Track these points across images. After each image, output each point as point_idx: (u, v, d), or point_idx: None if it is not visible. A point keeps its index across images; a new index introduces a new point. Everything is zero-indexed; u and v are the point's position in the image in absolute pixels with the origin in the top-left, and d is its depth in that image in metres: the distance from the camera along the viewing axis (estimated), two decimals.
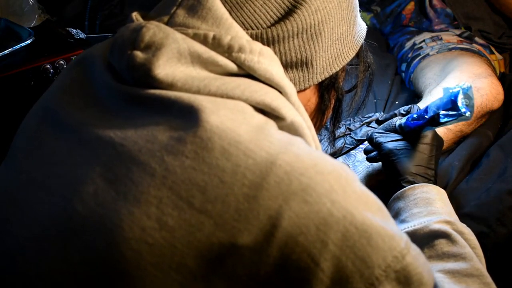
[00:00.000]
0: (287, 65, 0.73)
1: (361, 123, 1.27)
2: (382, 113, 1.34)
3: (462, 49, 1.53)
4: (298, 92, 0.76)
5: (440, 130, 1.14)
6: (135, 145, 0.61)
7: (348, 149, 1.24)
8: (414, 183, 0.97)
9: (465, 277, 0.82)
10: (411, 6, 1.69)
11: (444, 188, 1.08)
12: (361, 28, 0.82)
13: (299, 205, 0.58)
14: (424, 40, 1.60)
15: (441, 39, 1.59)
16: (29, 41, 1.41)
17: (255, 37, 0.70)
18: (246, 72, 0.66)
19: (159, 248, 0.58)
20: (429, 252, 0.87)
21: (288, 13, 0.71)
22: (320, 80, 0.76)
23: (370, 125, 1.27)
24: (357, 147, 1.25)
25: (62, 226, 0.61)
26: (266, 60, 0.67)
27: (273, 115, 0.65)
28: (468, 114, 0.91)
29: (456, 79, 1.36)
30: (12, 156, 0.72)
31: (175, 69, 0.64)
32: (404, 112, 1.08)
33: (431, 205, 0.93)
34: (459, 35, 1.60)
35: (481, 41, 1.59)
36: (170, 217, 0.58)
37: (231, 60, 0.66)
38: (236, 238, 0.57)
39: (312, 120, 0.80)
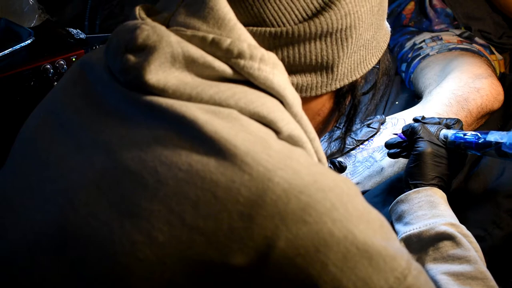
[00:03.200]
0: (306, 69, 0.68)
1: (362, 124, 1.27)
2: (383, 116, 1.34)
3: (462, 49, 1.53)
4: (314, 97, 0.71)
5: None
6: (128, 152, 0.59)
7: (348, 149, 1.24)
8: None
9: (469, 280, 0.82)
10: (411, 6, 1.69)
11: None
12: (386, 32, 0.77)
13: (297, 225, 0.55)
14: (424, 40, 1.60)
15: (441, 39, 1.59)
16: (29, 41, 1.41)
17: (274, 35, 0.65)
18: (245, 78, 0.63)
19: (149, 265, 0.55)
20: (434, 254, 0.87)
21: (316, 13, 0.65)
22: (339, 87, 0.71)
23: (371, 126, 1.27)
24: (357, 147, 1.25)
25: (55, 235, 0.60)
26: (267, 67, 0.62)
27: (270, 127, 0.62)
28: None
29: (456, 79, 1.36)
30: (12, 158, 0.71)
31: (168, 75, 0.61)
32: (449, 123, 1.06)
33: (435, 208, 0.93)
34: (459, 35, 1.60)
35: (481, 41, 1.59)
36: (161, 232, 0.55)
37: (230, 65, 0.62)
38: (229, 258, 0.54)
39: (321, 125, 0.76)
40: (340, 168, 1.17)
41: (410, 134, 1.05)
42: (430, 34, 1.62)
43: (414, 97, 1.52)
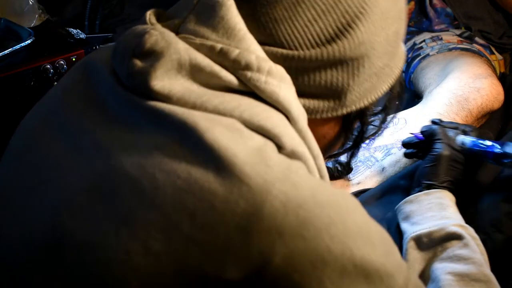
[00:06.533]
0: (314, 93, 0.66)
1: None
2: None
3: (462, 49, 1.53)
4: (321, 119, 0.69)
5: None
6: (128, 158, 0.58)
7: None
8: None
9: (472, 282, 0.82)
10: (411, 6, 1.69)
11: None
12: (401, 57, 0.73)
13: (294, 240, 0.54)
14: (424, 40, 1.60)
15: (441, 39, 1.59)
16: (29, 41, 1.41)
17: (285, 57, 0.63)
18: (252, 90, 0.61)
19: (143, 274, 0.54)
20: (441, 253, 0.87)
21: (330, 40, 0.63)
22: (346, 113, 0.69)
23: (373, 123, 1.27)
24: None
25: (50, 238, 0.59)
26: (274, 80, 0.61)
27: (273, 141, 0.60)
28: None
29: (456, 79, 1.36)
30: (9, 156, 0.70)
31: (173, 82, 0.60)
32: (466, 130, 1.05)
33: (445, 210, 0.93)
34: (459, 35, 1.60)
35: (481, 41, 1.59)
36: (156, 241, 0.54)
37: (236, 77, 0.61)
38: (224, 271, 0.53)
39: (326, 147, 0.74)
40: (347, 170, 1.17)
41: (429, 135, 1.04)
42: (430, 34, 1.62)
43: (414, 97, 1.52)
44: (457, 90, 1.33)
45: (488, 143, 1.00)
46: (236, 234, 0.54)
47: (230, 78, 0.61)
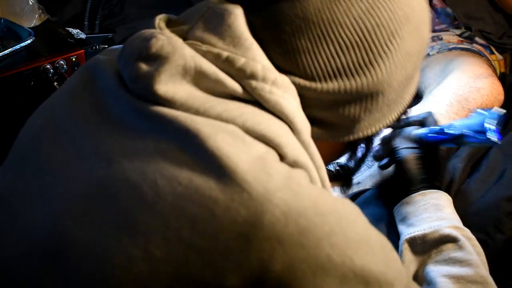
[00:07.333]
0: (325, 123, 0.66)
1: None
2: None
3: (462, 49, 1.53)
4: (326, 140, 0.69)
5: None
6: (130, 163, 0.58)
7: None
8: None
9: (469, 284, 0.82)
10: None
11: (447, 190, 1.08)
12: (415, 84, 0.73)
13: (294, 249, 0.54)
14: None
15: (441, 39, 1.59)
16: (29, 41, 1.41)
17: (303, 87, 0.63)
18: (256, 99, 0.61)
19: (144, 280, 0.54)
20: (436, 256, 0.87)
21: (349, 76, 0.63)
22: (353, 139, 0.69)
23: None
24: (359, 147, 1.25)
25: (51, 243, 0.59)
26: (279, 91, 0.61)
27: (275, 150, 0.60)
28: (497, 140, 0.90)
29: (457, 79, 1.36)
30: (12, 159, 0.70)
31: (177, 86, 0.60)
32: (419, 120, 1.05)
33: (440, 211, 0.92)
34: (460, 35, 1.60)
35: (481, 41, 1.59)
36: (157, 248, 0.54)
37: (241, 85, 0.61)
38: (224, 279, 0.53)
39: (329, 160, 0.75)
40: (348, 172, 1.17)
41: (386, 146, 1.04)
42: (430, 34, 1.61)
43: (414, 97, 1.52)
44: (457, 90, 1.33)
45: (439, 128, 0.99)
46: (236, 241, 0.54)
47: (234, 86, 0.61)
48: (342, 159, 0.87)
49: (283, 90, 0.61)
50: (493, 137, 0.90)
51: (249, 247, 0.53)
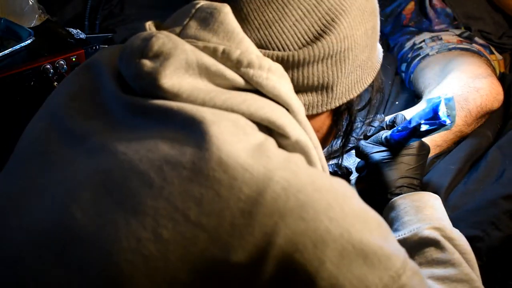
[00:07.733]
0: (308, 89, 0.73)
1: (362, 123, 1.27)
2: (383, 114, 1.34)
3: (462, 49, 1.53)
4: (314, 115, 0.76)
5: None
6: (136, 154, 0.61)
7: (348, 148, 1.24)
8: (401, 194, 0.98)
9: (454, 283, 0.83)
10: (411, 6, 1.69)
11: (437, 192, 1.08)
12: (379, 52, 0.82)
13: (295, 222, 0.57)
14: (424, 40, 1.60)
15: (441, 39, 1.59)
16: (29, 41, 1.41)
17: (280, 59, 0.70)
18: (254, 88, 0.66)
19: (154, 261, 0.57)
20: (419, 259, 0.88)
21: (317, 37, 0.70)
22: (338, 105, 0.76)
23: (371, 125, 1.27)
24: None
25: (60, 235, 0.61)
26: (274, 76, 0.66)
27: (277, 133, 0.65)
28: (448, 123, 0.93)
29: (456, 79, 1.37)
30: (16, 158, 0.72)
31: (182, 80, 0.64)
32: (390, 123, 1.08)
33: (420, 213, 0.93)
34: (459, 35, 1.60)
35: (481, 41, 1.60)
36: (165, 229, 0.57)
37: (240, 75, 0.66)
38: (230, 254, 0.56)
39: (320, 141, 0.78)
40: (347, 173, 1.18)
41: (358, 155, 1.08)
42: (430, 34, 1.62)
43: (414, 97, 1.52)
44: (456, 89, 1.33)
45: (401, 126, 1.02)
46: (241, 218, 0.57)
47: (234, 76, 0.65)
48: (340, 160, 0.89)
49: (278, 76, 0.67)
50: (445, 121, 0.93)
51: (253, 222, 0.57)
